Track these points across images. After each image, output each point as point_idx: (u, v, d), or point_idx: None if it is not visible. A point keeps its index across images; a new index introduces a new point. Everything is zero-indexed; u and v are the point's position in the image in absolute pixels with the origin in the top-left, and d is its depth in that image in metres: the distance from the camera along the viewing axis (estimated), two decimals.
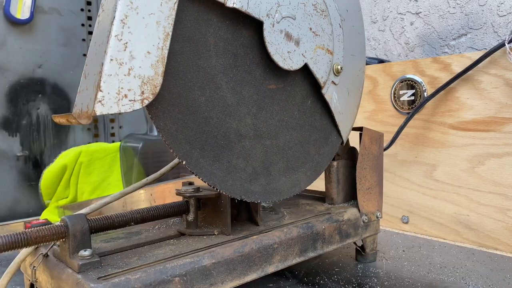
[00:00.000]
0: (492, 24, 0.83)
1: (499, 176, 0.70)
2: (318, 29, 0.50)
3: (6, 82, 1.18)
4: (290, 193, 0.51)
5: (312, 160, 0.54)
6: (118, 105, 0.34)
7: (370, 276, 0.56)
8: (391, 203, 0.84)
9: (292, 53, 0.47)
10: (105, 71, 0.33)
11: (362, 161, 0.59)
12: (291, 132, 0.51)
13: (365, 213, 0.58)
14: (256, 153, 0.47)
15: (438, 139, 0.77)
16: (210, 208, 0.49)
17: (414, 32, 0.96)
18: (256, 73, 0.46)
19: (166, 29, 0.36)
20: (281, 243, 0.48)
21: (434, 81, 0.77)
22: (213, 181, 0.43)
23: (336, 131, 0.56)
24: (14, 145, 1.20)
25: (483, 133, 0.71)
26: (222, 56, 0.43)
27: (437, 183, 0.77)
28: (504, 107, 0.69)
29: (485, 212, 0.71)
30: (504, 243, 0.69)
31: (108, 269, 0.38)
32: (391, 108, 0.84)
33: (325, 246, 0.53)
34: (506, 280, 0.55)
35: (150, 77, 0.36)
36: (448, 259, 0.63)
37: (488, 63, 0.70)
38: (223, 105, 0.43)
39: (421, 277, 0.55)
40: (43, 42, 1.25)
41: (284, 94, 0.50)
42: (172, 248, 0.44)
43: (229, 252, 0.43)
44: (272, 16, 0.44)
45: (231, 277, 0.43)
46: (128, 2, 0.34)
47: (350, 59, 0.56)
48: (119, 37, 0.34)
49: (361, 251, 0.61)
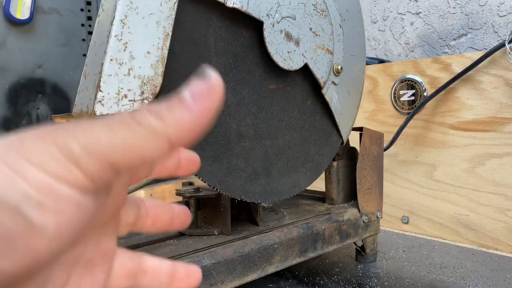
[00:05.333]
0: (492, 24, 0.83)
1: (499, 176, 0.69)
2: (318, 29, 0.50)
3: (6, 82, 1.18)
4: (290, 193, 0.51)
5: (312, 160, 0.54)
6: (118, 105, 0.34)
7: (370, 276, 0.56)
8: (391, 203, 0.84)
9: (292, 53, 0.47)
10: (105, 71, 0.33)
11: (362, 161, 0.58)
12: (291, 132, 0.51)
13: (365, 213, 0.58)
14: (256, 153, 0.47)
15: (438, 139, 0.77)
16: (210, 208, 0.49)
17: (414, 32, 0.96)
18: (256, 73, 0.46)
19: (166, 29, 0.36)
20: (281, 243, 0.47)
21: (434, 81, 0.77)
22: (213, 181, 0.43)
23: (336, 131, 0.56)
24: None
25: (483, 133, 0.71)
26: (222, 56, 0.43)
27: (437, 183, 0.77)
28: (504, 107, 0.69)
29: (485, 212, 0.71)
30: (504, 243, 0.69)
31: None
32: (391, 108, 0.84)
33: (325, 246, 0.53)
34: (506, 280, 0.54)
35: (150, 77, 0.36)
36: (448, 259, 0.63)
37: (488, 63, 0.70)
38: (223, 105, 0.43)
39: (421, 277, 0.55)
40: (43, 42, 1.25)
41: (284, 94, 0.49)
42: (172, 248, 0.44)
43: (229, 252, 0.43)
44: (272, 16, 0.44)
45: (231, 277, 0.43)
46: (128, 2, 0.34)
47: (350, 59, 0.56)
48: (119, 37, 0.34)
49: (361, 252, 0.61)
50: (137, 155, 0.18)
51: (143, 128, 0.18)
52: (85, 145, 0.17)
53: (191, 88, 0.20)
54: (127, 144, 0.18)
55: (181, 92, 0.20)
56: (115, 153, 0.18)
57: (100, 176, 0.18)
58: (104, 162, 0.17)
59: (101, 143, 0.17)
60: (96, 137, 0.17)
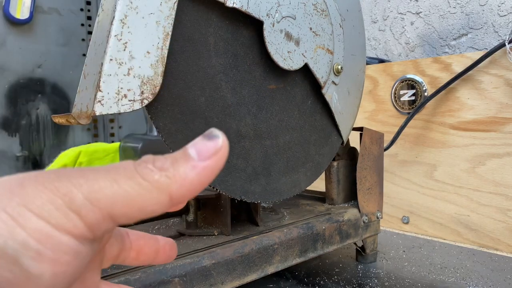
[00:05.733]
0: (492, 24, 0.82)
1: (499, 176, 0.69)
2: (318, 29, 0.50)
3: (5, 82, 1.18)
4: (290, 193, 0.51)
5: (312, 160, 0.53)
6: (117, 105, 0.34)
7: (370, 276, 0.56)
8: (392, 203, 0.84)
9: (292, 53, 0.47)
10: (105, 71, 0.33)
11: (363, 161, 0.58)
12: (291, 132, 0.50)
13: (365, 214, 0.58)
14: (256, 153, 0.47)
15: (438, 139, 0.77)
16: (210, 209, 0.49)
17: (415, 32, 0.96)
18: (256, 73, 0.46)
19: (165, 29, 0.36)
20: (281, 243, 0.47)
21: (435, 81, 0.77)
22: (213, 181, 0.43)
23: (337, 131, 0.56)
24: (13, 145, 1.20)
25: (483, 133, 0.71)
26: (222, 56, 0.43)
27: (437, 183, 0.77)
28: (504, 107, 0.69)
29: (486, 213, 0.71)
30: (504, 243, 0.69)
31: (107, 269, 0.38)
32: (392, 108, 0.84)
33: (325, 246, 0.53)
34: (506, 280, 0.54)
35: (150, 77, 0.36)
36: (448, 259, 0.63)
37: (488, 63, 0.70)
38: (223, 105, 0.43)
39: (421, 278, 0.55)
40: (43, 42, 1.25)
41: (284, 94, 0.49)
42: None
43: (229, 252, 0.43)
44: (272, 16, 0.44)
45: (231, 278, 0.43)
46: (127, 2, 0.34)
47: (350, 59, 0.56)
48: (119, 37, 0.34)
49: (361, 252, 0.61)
50: (138, 207, 0.18)
51: (146, 182, 0.18)
52: (88, 195, 0.17)
53: (197, 146, 0.20)
54: (129, 196, 0.18)
55: (187, 148, 0.20)
56: (116, 205, 0.18)
57: (100, 226, 0.18)
58: (105, 213, 0.18)
59: (104, 194, 0.17)
60: (99, 187, 0.17)
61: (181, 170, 0.19)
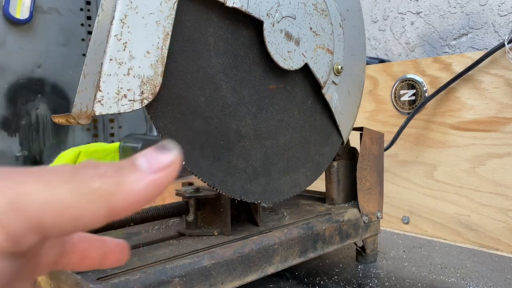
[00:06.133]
0: (493, 24, 0.82)
1: (500, 176, 0.69)
2: (318, 29, 0.50)
3: (5, 82, 1.18)
4: (290, 193, 0.51)
5: (313, 161, 0.53)
6: (117, 105, 0.34)
7: (370, 276, 0.56)
8: (392, 203, 0.84)
9: (292, 53, 0.47)
10: (105, 71, 0.33)
11: (363, 162, 0.58)
12: (291, 132, 0.50)
13: (365, 214, 0.58)
14: (256, 153, 0.47)
15: (438, 139, 0.77)
16: (210, 209, 0.49)
17: (415, 32, 0.96)
18: (256, 73, 0.46)
19: (165, 28, 0.36)
20: (281, 243, 0.47)
21: (435, 81, 0.77)
22: (213, 181, 0.43)
23: (337, 131, 0.56)
24: (13, 145, 1.20)
25: (483, 133, 0.71)
26: (222, 56, 0.43)
27: (437, 184, 0.77)
28: (505, 107, 0.69)
29: (486, 213, 0.71)
30: (505, 243, 0.69)
31: (107, 269, 0.38)
32: (392, 108, 0.84)
33: (325, 246, 0.53)
34: (507, 280, 0.54)
35: (150, 77, 0.35)
36: (448, 259, 0.63)
37: (488, 63, 0.70)
38: (223, 105, 0.43)
39: (421, 278, 0.55)
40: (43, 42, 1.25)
41: (284, 94, 0.49)
42: (172, 248, 0.44)
43: (229, 252, 0.43)
44: (272, 16, 0.44)
45: (231, 278, 0.43)
46: (127, 2, 0.34)
47: (350, 59, 0.56)
48: (119, 37, 0.34)
49: (361, 252, 0.61)
50: (71, 217, 0.15)
51: (84, 189, 0.16)
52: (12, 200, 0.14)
53: (148, 157, 0.18)
54: (62, 204, 0.15)
55: (136, 158, 0.17)
56: (46, 214, 0.15)
57: (26, 239, 0.15)
58: (32, 222, 0.15)
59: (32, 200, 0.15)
60: (27, 192, 0.15)
61: (126, 180, 0.16)
